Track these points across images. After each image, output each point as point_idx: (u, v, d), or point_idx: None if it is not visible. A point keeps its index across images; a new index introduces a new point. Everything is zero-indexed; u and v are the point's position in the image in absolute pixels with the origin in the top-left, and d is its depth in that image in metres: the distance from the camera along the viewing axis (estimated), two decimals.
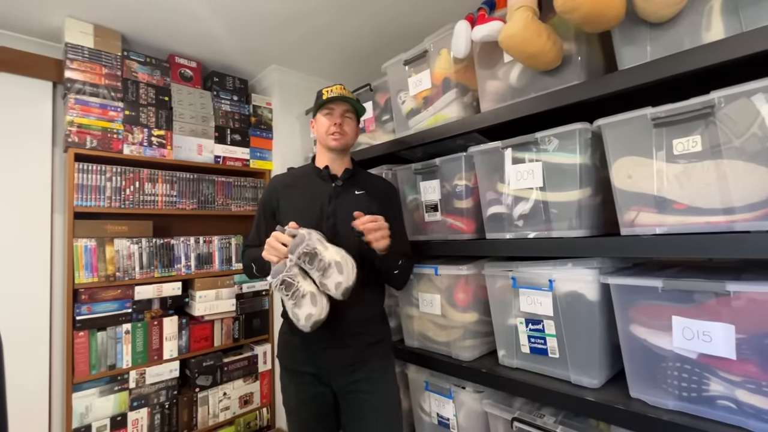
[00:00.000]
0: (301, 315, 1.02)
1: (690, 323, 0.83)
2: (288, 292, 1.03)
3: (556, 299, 1.07)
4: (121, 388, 1.76)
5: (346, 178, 1.24)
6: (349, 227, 1.11)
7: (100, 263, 1.73)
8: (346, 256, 1.07)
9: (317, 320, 1.01)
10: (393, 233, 1.21)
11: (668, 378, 0.87)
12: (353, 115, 1.26)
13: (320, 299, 1.03)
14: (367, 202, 1.22)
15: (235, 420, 2.10)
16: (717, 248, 0.80)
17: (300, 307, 1.02)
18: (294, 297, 1.02)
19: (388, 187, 1.33)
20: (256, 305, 2.22)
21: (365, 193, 1.23)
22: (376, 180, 1.34)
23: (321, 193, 1.21)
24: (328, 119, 1.22)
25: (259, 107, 2.32)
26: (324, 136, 1.23)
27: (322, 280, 1.03)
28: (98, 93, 1.78)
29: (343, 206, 1.19)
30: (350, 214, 1.15)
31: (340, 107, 1.23)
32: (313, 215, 1.17)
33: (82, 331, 1.67)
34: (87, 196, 1.73)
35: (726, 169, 0.81)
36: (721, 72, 0.83)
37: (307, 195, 1.22)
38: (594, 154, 1.05)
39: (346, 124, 1.23)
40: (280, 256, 1.06)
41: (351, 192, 1.23)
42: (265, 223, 1.27)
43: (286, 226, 1.09)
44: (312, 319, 1.01)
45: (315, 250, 1.03)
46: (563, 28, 1.05)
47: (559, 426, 1.04)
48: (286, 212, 1.22)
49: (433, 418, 1.37)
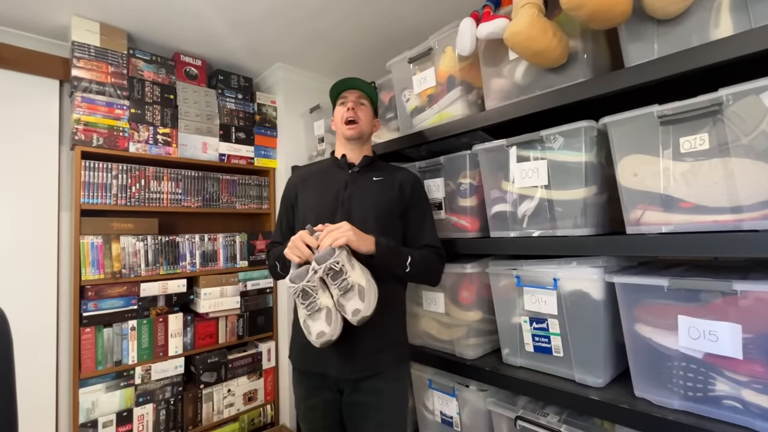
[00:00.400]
0: (313, 330, 0.98)
1: (696, 322, 0.83)
2: (305, 301, 0.99)
3: (560, 298, 1.06)
4: (127, 384, 1.77)
5: (363, 165, 1.23)
6: (365, 213, 1.11)
7: (106, 260, 1.74)
8: (371, 281, 1.02)
9: (328, 340, 0.97)
10: (413, 226, 1.21)
11: (673, 377, 0.87)
12: (368, 102, 1.26)
13: (336, 318, 0.99)
14: (384, 188, 1.19)
15: (239, 416, 2.11)
16: (724, 247, 0.80)
17: (314, 321, 0.99)
18: (310, 308, 0.99)
19: (411, 177, 1.26)
20: (261, 303, 2.23)
21: (383, 180, 1.21)
22: (398, 169, 1.29)
23: (337, 180, 1.20)
24: (342, 108, 1.23)
25: (263, 105, 2.32)
26: (340, 125, 1.24)
27: (341, 300, 0.98)
28: (104, 91, 1.79)
29: (359, 191, 1.17)
30: (367, 200, 1.14)
31: (353, 95, 1.24)
32: (328, 201, 1.16)
33: (88, 328, 1.68)
34: (93, 193, 1.74)
35: (734, 167, 0.80)
36: (729, 69, 0.83)
37: (324, 183, 1.21)
38: (600, 152, 1.04)
39: (360, 110, 1.23)
40: (302, 258, 1.03)
41: (369, 178, 1.21)
42: (286, 218, 1.27)
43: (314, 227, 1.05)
44: (323, 337, 0.97)
45: (343, 267, 0.98)
46: (569, 25, 1.05)
47: (563, 425, 1.03)
48: (303, 201, 1.21)
49: (436, 416, 1.37)
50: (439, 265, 1.20)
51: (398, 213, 1.19)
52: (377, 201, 1.16)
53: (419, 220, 1.22)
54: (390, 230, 1.16)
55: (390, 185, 1.20)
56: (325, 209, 1.15)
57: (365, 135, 1.26)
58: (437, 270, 1.20)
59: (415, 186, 1.24)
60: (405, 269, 1.10)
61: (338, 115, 1.24)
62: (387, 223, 1.15)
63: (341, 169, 1.23)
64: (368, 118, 1.25)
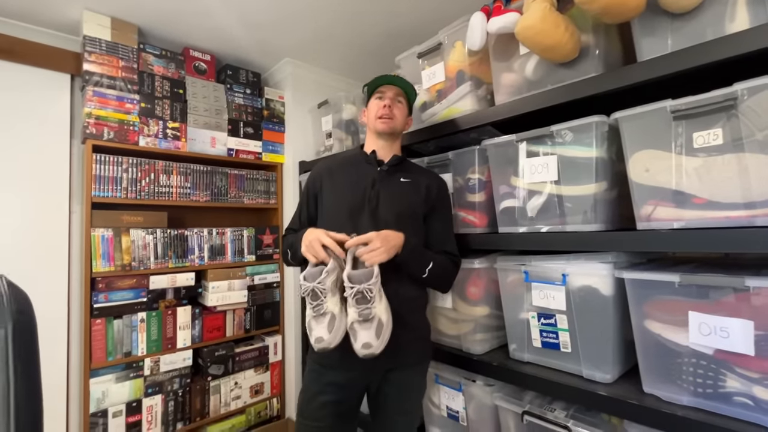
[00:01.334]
0: (314, 333, 0.97)
1: (707, 319, 0.82)
2: (313, 302, 0.99)
3: (569, 294, 1.06)
4: (137, 375, 1.80)
5: (392, 164, 1.22)
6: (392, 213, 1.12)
7: (116, 253, 1.76)
8: (390, 318, 1.01)
9: (325, 347, 0.96)
10: (436, 231, 1.21)
11: (683, 374, 0.87)
12: (405, 101, 1.25)
13: (338, 326, 0.98)
14: (411, 190, 1.19)
15: (246, 409, 2.13)
16: (737, 243, 0.79)
17: (316, 324, 0.98)
18: (316, 310, 0.98)
19: (437, 181, 1.25)
20: (268, 297, 2.24)
21: (410, 182, 1.20)
22: (425, 172, 1.29)
23: (366, 177, 1.18)
24: (377, 102, 1.21)
25: (271, 101, 2.33)
26: (373, 119, 1.22)
27: (356, 325, 0.96)
28: (115, 85, 1.80)
29: (386, 191, 1.17)
30: (393, 200, 1.14)
31: (392, 91, 1.22)
32: (356, 198, 1.16)
33: (99, 319, 1.71)
34: (104, 186, 1.76)
35: (748, 162, 0.79)
36: (743, 64, 0.82)
37: (352, 178, 1.19)
38: (610, 148, 1.04)
39: (396, 108, 1.21)
40: (317, 259, 1.03)
41: (396, 178, 1.20)
42: (306, 208, 1.26)
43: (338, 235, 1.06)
44: (321, 343, 0.96)
45: (373, 296, 0.96)
46: (581, 20, 1.04)
47: (570, 420, 1.04)
48: (329, 194, 1.20)
49: (442, 410, 1.38)
50: (453, 274, 1.21)
51: (422, 216, 1.20)
52: (403, 202, 1.17)
53: (441, 225, 1.22)
54: (413, 232, 1.15)
55: (417, 188, 1.20)
56: (352, 205, 1.14)
57: (397, 131, 1.24)
58: (451, 279, 1.21)
59: (440, 191, 1.24)
60: (423, 274, 1.11)
61: (372, 109, 1.22)
62: (411, 225, 1.15)
63: (370, 165, 1.21)
64: (403, 116, 1.24)
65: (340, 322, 0.99)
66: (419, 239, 1.17)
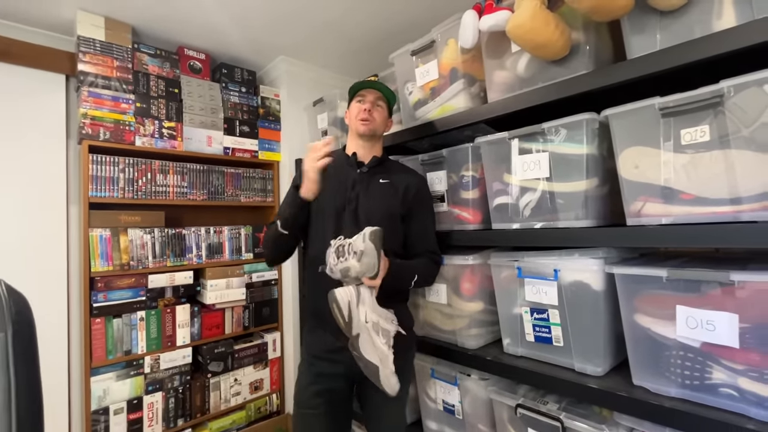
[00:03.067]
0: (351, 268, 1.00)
1: (694, 312, 0.84)
2: (343, 255, 1.02)
3: (561, 289, 1.08)
4: (137, 372, 1.82)
5: (372, 166, 1.25)
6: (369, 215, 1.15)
7: (114, 252, 1.77)
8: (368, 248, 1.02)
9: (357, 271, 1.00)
10: (414, 230, 1.24)
11: (671, 366, 0.88)
12: (384, 105, 1.28)
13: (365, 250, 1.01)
14: (390, 192, 1.22)
15: (245, 405, 2.16)
16: (723, 238, 0.81)
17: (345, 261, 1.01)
18: (351, 252, 1.00)
19: (417, 180, 1.28)
20: (266, 294, 2.26)
21: (390, 183, 1.23)
22: (405, 171, 1.32)
23: (346, 179, 1.22)
24: (358, 105, 1.25)
25: (267, 99, 2.33)
26: (354, 120, 1.26)
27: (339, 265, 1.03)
28: (110, 85, 1.80)
29: (365, 193, 1.20)
30: (372, 202, 1.17)
31: (372, 95, 1.26)
32: (338, 200, 1.19)
33: (98, 318, 1.72)
34: (101, 187, 1.77)
35: (734, 159, 0.81)
36: (730, 61, 0.83)
37: (333, 180, 1.22)
38: (601, 145, 1.05)
39: (376, 111, 1.25)
40: (319, 168, 1.12)
41: (375, 180, 1.23)
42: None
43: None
44: (351, 271, 1.00)
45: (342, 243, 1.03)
46: (572, 18, 1.05)
47: (562, 413, 1.06)
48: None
49: (438, 404, 1.40)
50: (435, 273, 1.29)
51: (401, 216, 1.22)
52: (381, 204, 1.20)
53: (421, 225, 1.26)
54: (392, 233, 1.19)
55: (395, 188, 1.23)
56: (335, 206, 1.18)
57: (378, 134, 1.28)
58: (433, 276, 1.29)
59: (420, 190, 1.27)
60: (410, 286, 1.18)
61: (354, 111, 1.26)
62: (389, 225, 1.18)
63: (351, 167, 1.25)
64: (383, 119, 1.28)
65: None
66: (397, 239, 1.22)
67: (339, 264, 1.01)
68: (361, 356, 1.00)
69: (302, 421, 1.17)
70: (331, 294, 1.01)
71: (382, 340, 1.03)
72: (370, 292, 1.05)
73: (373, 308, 1.04)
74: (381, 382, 1.01)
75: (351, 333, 1.00)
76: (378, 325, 1.03)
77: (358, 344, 1.00)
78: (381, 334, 1.03)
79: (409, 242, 1.25)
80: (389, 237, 1.16)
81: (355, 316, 1.00)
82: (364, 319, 1.01)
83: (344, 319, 0.99)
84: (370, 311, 1.03)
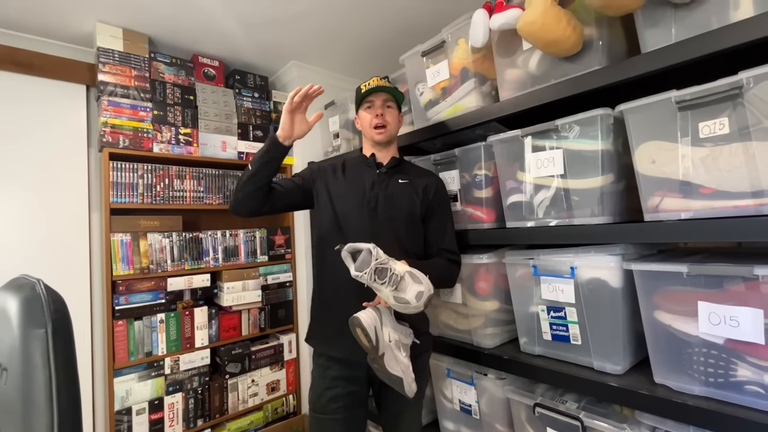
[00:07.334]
0: (408, 296, 0.95)
1: (716, 308, 0.82)
2: (383, 279, 0.96)
3: (578, 286, 1.07)
4: (158, 374, 1.86)
5: (391, 166, 1.26)
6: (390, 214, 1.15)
7: (135, 256, 1.82)
8: (413, 268, 1.01)
9: (429, 295, 0.96)
10: (434, 231, 1.24)
11: (694, 363, 0.87)
12: (394, 103, 1.28)
13: (420, 275, 0.98)
14: (410, 191, 1.22)
15: (263, 406, 2.18)
16: (746, 232, 0.79)
17: (404, 290, 0.96)
18: (392, 282, 0.96)
19: (435, 181, 1.28)
20: (281, 296, 2.29)
21: (409, 183, 1.24)
22: (423, 172, 1.32)
23: (365, 179, 1.23)
24: (369, 112, 1.25)
25: (279, 103, 2.37)
26: (369, 129, 1.25)
27: (396, 294, 0.96)
28: (129, 94, 1.86)
29: (384, 192, 1.20)
30: (391, 202, 1.18)
31: (380, 98, 1.25)
32: (356, 199, 1.20)
33: (120, 320, 1.77)
34: (121, 193, 1.82)
35: (755, 151, 0.79)
36: (747, 53, 0.81)
37: (350, 180, 1.23)
38: (616, 140, 1.04)
39: (388, 114, 1.25)
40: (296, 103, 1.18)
41: (395, 180, 1.24)
42: (289, 181, 1.28)
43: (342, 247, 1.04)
44: (424, 296, 0.95)
45: (385, 263, 0.97)
46: (584, 13, 1.04)
47: (582, 411, 1.04)
48: (328, 193, 1.23)
49: (455, 404, 1.40)
50: (454, 272, 1.24)
51: (420, 216, 1.22)
52: (401, 204, 1.20)
53: (440, 225, 1.25)
54: (411, 232, 1.20)
55: (414, 189, 1.23)
56: (352, 207, 1.19)
57: (393, 137, 1.29)
58: (453, 277, 1.24)
59: (438, 191, 1.26)
60: None
61: (366, 119, 1.26)
62: (408, 225, 1.19)
63: (369, 167, 1.26)
64: (396, 120, 1.28)
65: (420, 273, 0.99)
66: (417, 239, 1.22)
67: (374, 283, 0.97)
68: (384, 370, 1.00)
69: (320, 427, 1.15)
70: (355, 319, 0.99)
71: (403, 354, 1.04)
72: (390, 312, 1.06)
73: (394, 327, 1.05)
74: (405, 390, 1.02)
75: (377, 354, 1.00)
76: (399, 342, 1.05)
77: (383, 362, 1.00)
78: (402, 349, 1.05)
79: (428, 242, 1.25)
80: (410, 238, 1.18)
81: (380, 338, 1.00)
82: (388, 339, 1.02)
83: (371, 343, 0.98)
84: (392, 331, 1.04)
